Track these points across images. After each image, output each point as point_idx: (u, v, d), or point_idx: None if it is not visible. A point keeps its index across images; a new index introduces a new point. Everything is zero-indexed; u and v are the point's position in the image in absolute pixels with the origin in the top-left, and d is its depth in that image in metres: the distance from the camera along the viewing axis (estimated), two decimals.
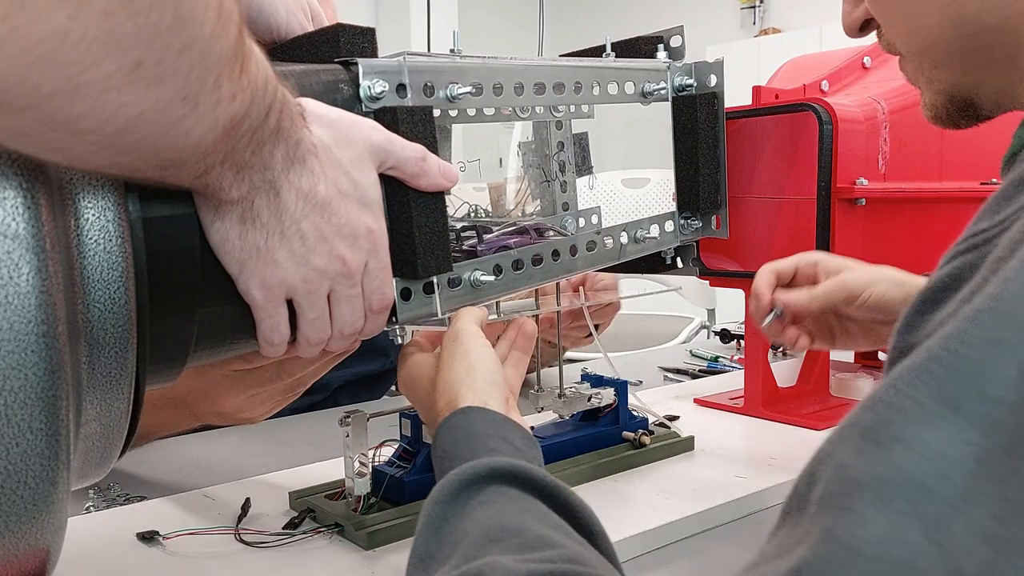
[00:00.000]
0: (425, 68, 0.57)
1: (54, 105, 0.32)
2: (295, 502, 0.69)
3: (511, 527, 0.40)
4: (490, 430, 0.50)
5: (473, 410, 0.52)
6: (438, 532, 0.42)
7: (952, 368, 0.26)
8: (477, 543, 0.39)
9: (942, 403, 0.25)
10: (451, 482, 0.44)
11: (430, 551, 0.41)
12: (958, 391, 0.25)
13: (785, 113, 0.88)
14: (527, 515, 0.42)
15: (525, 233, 0.71)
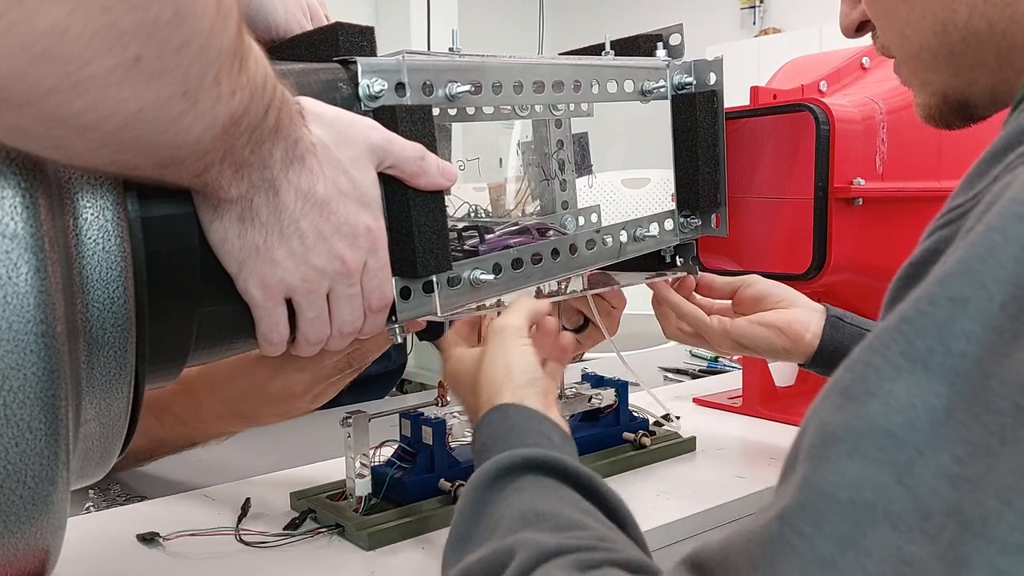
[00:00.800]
0: (424, 67, 0.57)
1: (54, 101, 0.32)
2: (296, 502, 0.69)
3: (545, 512, 0.42)
4: (527, 426, 0.52)
5: (512, 407, 0.54)
6: (475, 516, 0.44)
7: (920, 327, 0.27)
8: (512, 525, 0.41)
9: (911, 359, 0.27)
10: (489, 470, 0.46)
11: (468, 533, 0.43)
12: (926, 348, 0.27)
13: (783, 113, 0.88)
14: (561, 502, 0.44)
15: (527, 233, 0.70)
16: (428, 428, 0.68)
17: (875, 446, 0.27)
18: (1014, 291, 0.26)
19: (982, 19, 0.43)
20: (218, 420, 0.74)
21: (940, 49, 0.46)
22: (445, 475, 0.68)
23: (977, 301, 0.27)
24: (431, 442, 0.67)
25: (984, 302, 0.27)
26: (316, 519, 0.66)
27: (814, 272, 0.85)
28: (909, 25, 0.47)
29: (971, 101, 0.49)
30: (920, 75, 0.50)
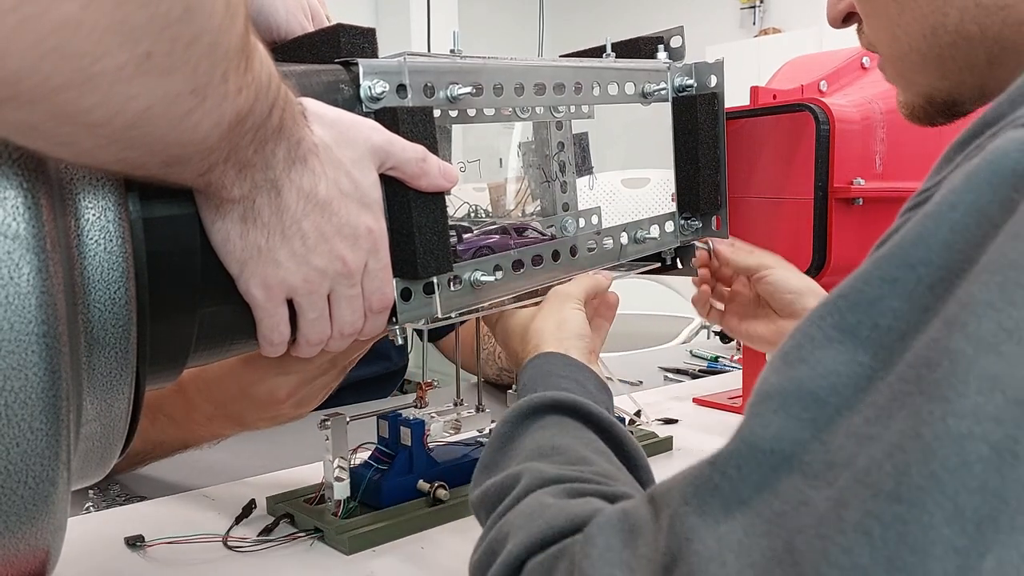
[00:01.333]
0: (425, 68, 0.57)
1: (65, 97, 0.32)
2: (272, 507, 0.69)
3: (560, 446, 0.47)
4: (566, 372, 0.57)
5: (555, 355, 0.59)
6: (502, 447, 0.49)
7: (853, 302, 0.30)
8: (529, 456, 0.46)
9: (843, 331, 0.30)
10: (520, 407, 0.51)
11: (495, 461, 0.48)
12: (856, 321, 0.30)
13: (783, 113, 0.88)
14: (577, 440, 0.48)
15: (505, 232, 0.70)
16: (407, 429, 0.68)
17: (799, 405, 0.29)
18: (942, 273, 0.28)
19: (973, 23, 0.43)
20: (209, 422, 0.74)
21: (929, 52, 0.47)
22: (424, 476, 0.68)
23: (906, 282, 0.29)
24: (410, 443, 0.67)
25: (913, 283, 0.29)
26: (295, 523, 0.66)
27: (814, 272, 0.85)
28: (899, 26, 0.48)
29: (957, 100, 0.49)
30: (906, 76, 0.51)
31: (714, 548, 0.29)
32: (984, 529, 0.25)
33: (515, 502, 0.41)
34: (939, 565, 0.24)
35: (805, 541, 0.27)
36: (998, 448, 0.25)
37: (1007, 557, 0.25)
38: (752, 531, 0.29)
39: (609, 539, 0.34)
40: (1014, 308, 0.26)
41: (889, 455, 0.26)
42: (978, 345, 0.26)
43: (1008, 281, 0.26)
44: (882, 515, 0.25)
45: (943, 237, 0.29)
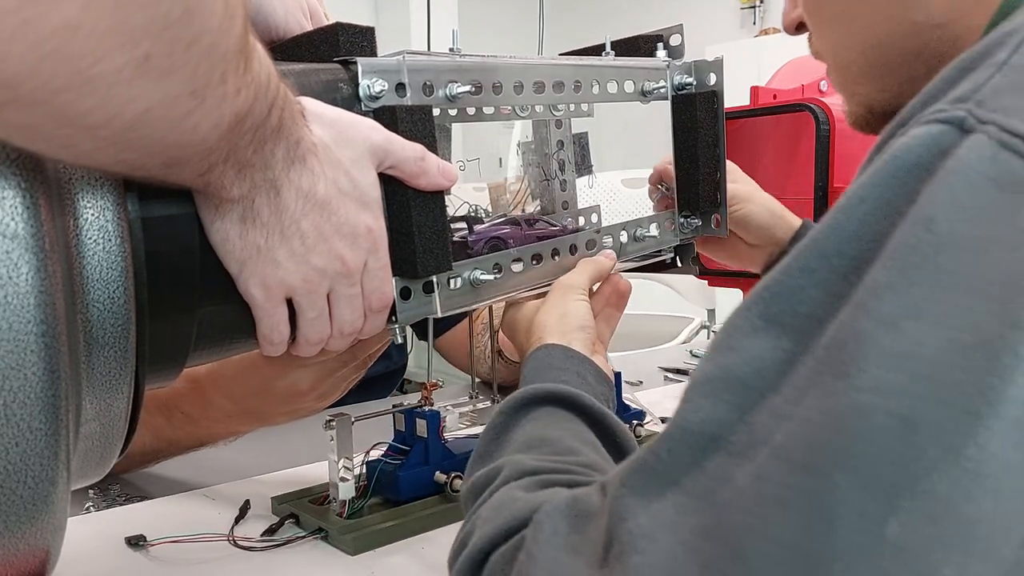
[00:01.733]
0: (424, 67, 0.57)
1: (64, 99, 0.32)
2: (277, 507, 0.69)
3: (548, 438, 0.48)
4: (566, 365, 0.58)
5: (556, 347, 0.60)
6: (496, 437, 0.50)
7: (776, 293, 0.32)
8: (518, 448, 0.47)
9: (767, 320, 0.32)
10: (515, 399, 0.52)
11: (489, 451, 0.50)
12: (779, 310, 0.32)
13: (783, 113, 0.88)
14: (566, 432, 0.49)
15: (516, 224, 0.70)
16: (423, 420, 0.68)
17: (727, 389, 0.31)
18: (854, 263, 0.30)
19: (913, 40, 0.44)
20: (227, 419, 0.74)
21: (869, 65, 0.49)
22: (440, 467, 0.68)
23: (821, 271, 0.31)
24: (426, 435, 0.67)
25: (827, 272, 0.31)
26: (300, 524, 0.66)
27: None
28: (841, 40, 0.50)
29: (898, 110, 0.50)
30: (849, 86, 0.53)
31: (646, 525, 0.31)
32: (889, 495, 0.26)
33: (490, 495, 0.43)
34: (848, 530, 0.26)
35: (729, 515, 0.29)
36: (899, 419, 0.26)
37: (913, 522, 0.26)
38: (682, 509, 0.30)
39: (556, 523, 0.35)
40: (913, 288, 0.28)
41: (801, 430, 0.28)
42: (880, 324, 0.28)
43: (908, 264, 0.28)
44: (795, 485, 0.27)
45: (853, 229, 0.31)
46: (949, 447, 0.26)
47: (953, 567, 0.26)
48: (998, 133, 0.29)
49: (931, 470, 0.26)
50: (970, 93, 0.31)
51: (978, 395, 0.26)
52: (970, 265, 0.28)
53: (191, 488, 0.76)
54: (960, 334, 0.27)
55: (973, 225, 0.28)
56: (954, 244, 0.28)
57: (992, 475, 0.26)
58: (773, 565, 0.27)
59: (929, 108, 0.31)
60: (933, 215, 0.28)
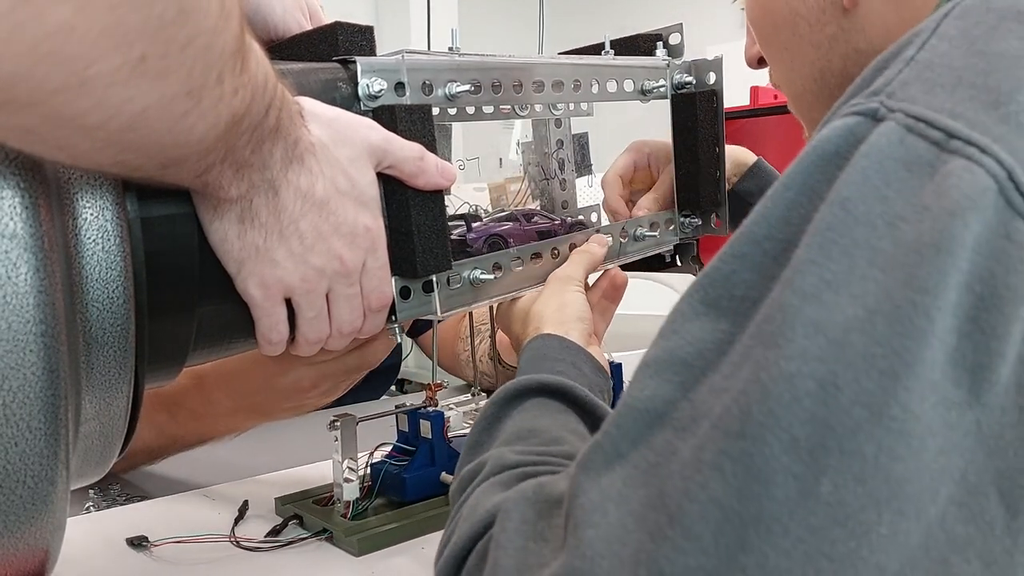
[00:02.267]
0: (424, 66, 0.57)
1: (60, 101, 0.32)
2: (281, 508, 0.68)
3: (536, 429, 0.48)
4: (562, 355, 0.58)
5: (553, 337, 0.60)
6: (488, 427, 0.51)
7: (714, 279, 0.34)
8: (508, 439, 0.48)
9: (707, 304, 0.34)
10: (508, 389, 0.53)
11: (480, 441, 0.50)
12: (716, 295, 0.34)
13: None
14: (555, 422, 0.50)
15: (514, 220, 0.70)
16: (426, 422, 0.68)
17: (671, 370, 0.33)
18: (783, 245, 0.32)
19: (856, 67, 0.45)
20: (230, 415, 0.74)
21: (820, 92, 0.52)
22: (446, 468, 0.68)
23: (753, 255, 0.33)
24: (430, 436, 0.67)
25: (759, 256, 0.33)
26: (303, 524, 0.66)
27: None
28: (792, 70, 0.53)
29: None
30: (805, 113, 0.56)
31: (596, 500, 0.32)
32: (817, 456, 0.27)
33: (471, 492, 0.43)
34: (781, 491, 0.27)
35: (672, 484, 0.30)
36: (823, 383, 0.28)
37: (842, 481, 0.27)
38: (630, 482, 0.32)
39: (524, 512, 0.36)
40: (831, 263, 0.30)
41: (735, 400, 0.29)
42: (803, 297, 0.30)
43: (826, 241, 0.30)
44: (730, 451, 0.29)
45: (780, 213, 0.33)
46: (872, 408, 0.27)
47: (886, 525, 0.27)
48: (905, 119, 0.31)
49: (856, 431, 0.27)
50: (882, 87, 0.33)
51: (895, 356, 0.28)
52: (881, 239, 0.30)
53: (191, 488, 0.76)
54: (876, 302, 0.29)
55: (883, 203, 0.30)
56: (866, 221, 0.30)
57: (916, 435, 0.28)
58: (711, 527, 0.28)
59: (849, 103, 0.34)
60: (848, 196, 0.31)
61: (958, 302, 0.28)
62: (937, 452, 0.28)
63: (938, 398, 0.28)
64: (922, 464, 0.28)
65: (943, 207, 0.29)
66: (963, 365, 0.28)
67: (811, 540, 0.27)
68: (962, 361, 0.28)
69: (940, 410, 0.28)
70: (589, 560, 0.30)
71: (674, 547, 0.28)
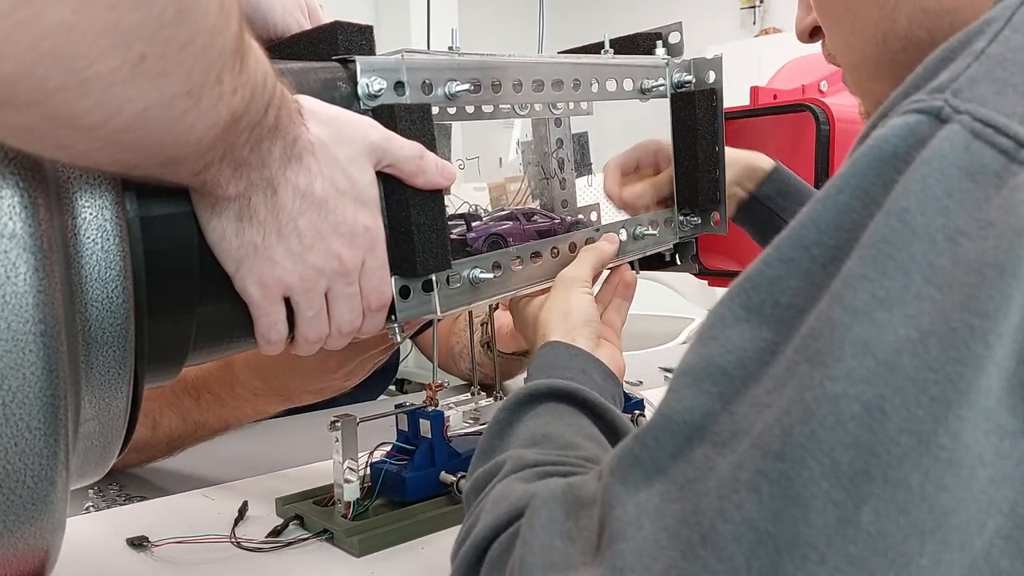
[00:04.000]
0: (423, 66, 0.57)
1: (60, 100, 0.32)
2: (282, 508, 0.68)
3: (551, 434, 0.48)
4: (571, 363, 0.58)
5: (561, 344, 0.60)
6: (500, 432, 0.50)
7: (757, 283, 0.32)
8: (522, 444, 0.48)
9: (748, 310, 0.32)
10: (519, 395, 0.52)
11: (492, 446, 0.50)
12: (760, 301, 0.32)
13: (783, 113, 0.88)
14: (569, 427, 0.50)
15: (515, 219, 0.70)
16: (426, 421, 0.68)
17: (710, 380, 0.32)
18: (833, 252, 0.30)
19: (922, 28, 0.44)
20: (255, 398, 0.76)
21: (882, 58, 0.48)
22: (446, 468, 0.68)
23: (801, 261, 0.31)
24: (430, 435, 0.67)
25: (807, 262, 0.31)
26: (304, 525, 0.66)
27: None
28: (853, 35, 0.49)
29: None
30: (863, 84, 0.52)
31: (632, 513, 0.31)
32: (859, 483, 0.26)
33: (492, 489, 0.43)
34: (819, 517, 0.26)
35: (707, 502, 0.29)
36: (869, 407, 0.26)
37: (884, 510, 0.26)
38: (667, 497, 0.31)
39: (552, 510, 0.35)
40: (886, 279, 0.28)
41: (778, 419, 0.28)
42: (853, 314, 0.28)
43: (881, 254, 0.28)
44: (769, 473, 0.27)
45: (831, 218, 0.31)
46: (921, 436, 0.26)
47: (928, 556, 0.26)
48: (971, 123, 0.29)
49: (903, 459, 0.26)
50: (947, 83, 0.31)
51: (948, 384, 0.26)
52: (940, 255, 0.28)
53: (191, 488, 0.76)
54: (931, 324, 0.27)
55: (944, 216, 0.28)
56: (925, 235, 0.28)
57: (966, 464, 0.26)
58: (744, 549, 0.27)
59: (909, 98, 0.32)
60: (906, 206, 0.29)
61: (1020, 326, 0.27)
62: (987, 483, 0.27)
63: (991, 426, 0.27)
64: (970, 495, 0.26)
65: (1010, 224, 0.27)
66: (1020, 393, 0.27)
67: (848, 569, 0.26)
68: (1020, 388, 0.27)
69: (993, 439, 0.27)
70: (620, 573, 0.30)
71: (705, 567, 0.28)
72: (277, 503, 0.69)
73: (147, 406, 0.77)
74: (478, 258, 0.62)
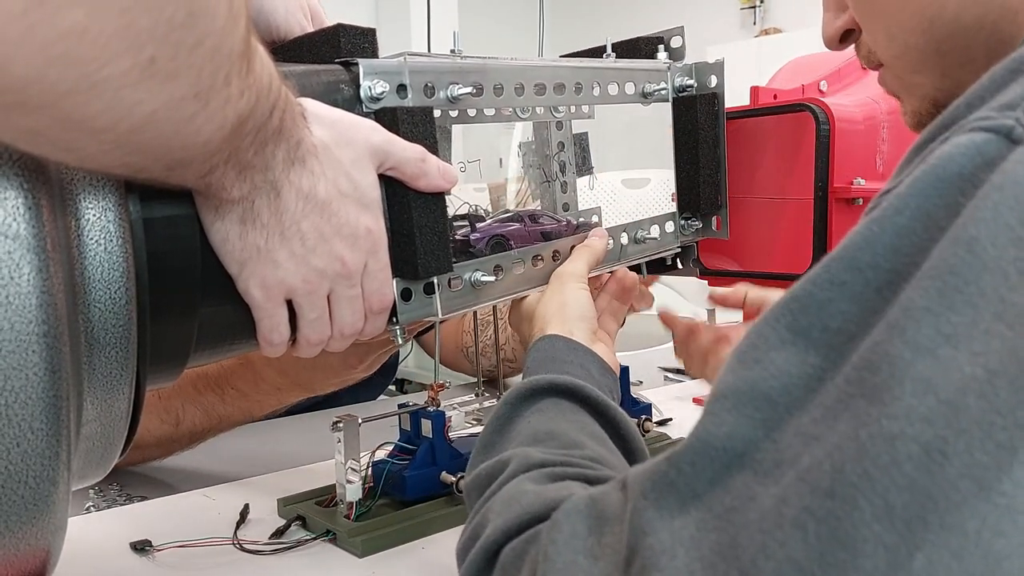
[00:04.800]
0: (425, 68, 0.57)
1: (70, 103, 0.32)
2: (284, 509, 0.68)
3: (554, 431, 0.47)
4: (569, 356, 0.57)
5: (558, 338, 0.59)
6: (500, 428, 0.50)
7: (805, 305, 0.31)
8: (524, 441, 0.47)
9: (795, 333, 0.30)
10: (519, 390, 0.52)
11: (492, 442, 0.49)
12: (808, 323, 0.30)
13: (783, 113, 0.88)
14: (571, 424, 0.49)
15: (519, 220, 0.70)
16: (427, 421, 0.68)
17: (752, 405, 0.30)
18: (889, 276, 0.29)
19: (970, 14, 0.42)
20: (277, 391, 0.78)
21: (927, 47, 0.46)
22: (447, 468, 0.68)
23: (854, 284, 0.30)
24: (431, 435, 0.67)
25: (861, 286, 0.29)
26: (306, 526, 0.66)
27: None
28: (897, 23, 0.47)
29: None
30: (907, 79, 0.50)
31: (667, 542, 0.30)
32: (914, 527, 0.25)
33: (499, 488, 0.42)
34: (869, 561, 0.25)
35: (748, 535, 0.28)
36: (928, 448, 0.25)
37: (938, 556, 0.25)
38: (703, 526, 0.29)
39: (575, 525, 0.34)
40: (952, 313, 0.26)
41: (829, 454, 0.27)
42: (916, 349, 0.27)
43: (947, 287, 0.27)
44: (816, 511, 0.26)
45: (889, 240, 0.29)
46: (983, 483, 0.25)
47: None
48: None
49: (961, 504, 0.25)
50: (1019, 100, 0.29)
51: (1016, 429, 0.25)
52: (1012, 290, 0.26)
53: (191, 488, 0.76)
54: (999, 364, 0.25)
55: (1017, 247, 0.26)
56: (996, 268, 0.26)
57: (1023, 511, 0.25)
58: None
59: (974, 112, 0.30)
60: (976, 235, 0.27)
61: None
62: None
63: None
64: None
65: None
66: None
67: None
68: None
69: None
70: None
71: None
72: (279, 504, 0.69)
73: (170, 403, 0.78)
74: (479, 261, 0.62)
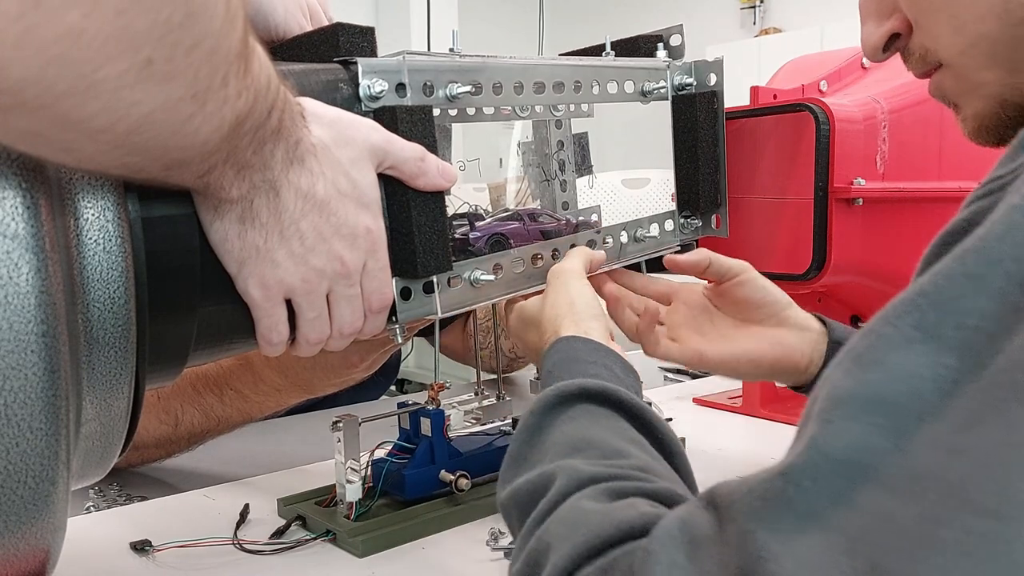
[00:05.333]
0: (425, 67, 0.57)
1: (68, 104, 0.32)
2: (284, 509, 0.68)
3: (593, 439, 0.44)
4: (591, 357, 0.54)
5: (576, 339, 0.56)
6: (531, 439, 0.47)
7: (935, 301, 0.28)
8: (563, 452, 0.44)
9: (924, 331, 0.28)
10: (548, 396, 0.48)
11: (523, 454, 0.46)
12: (938, 320, 0.28)
13: (783, 113, 0.88)
14: (610, 431, 0.46)
15: (519, 219, 0.70)
16: (427, 419, 0.68)
17: (877, 412, 0.28)
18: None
19: None
20: (278, 392, 0.77)
21: (1000, 36, 0.42)
22: (446, 466, 0.68)
23: (993, 278, 0.27)
24: (430, 434, 0.67)
25: (1001, 280, 0.27)
26: (306, 526, 0.66)
27: (814, 272, 0.85)
28: (966, 10, 0.43)
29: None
30: (973, 77, 0.46)
31: (789, 567, 0.27)
32: None
33: (553, 507, 0.39)
34: None
35: (894, 560, 0.25)
36: None
37: None
38: (832, 548, 0.27)
39: (673, 555, 0.31)
40: None
41: (986, 468, 0.25)
42: None
43: None
44: (982, 532, 0.24)
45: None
46: None
47: None
48: None
49: None
50: None
51: None
52: None
53: (191, 488, 0.76)
54: None
55: None
56: None
57: None
58: None
59: None
60: None
61: None
62: None
63: None
64: None
65: None
66: None
67: None
68: None
69: None
70: None
71: None
72: (279, 504, 0.69)
73: (169, 404, 0.78)
74: (479, 260, 0.62)
